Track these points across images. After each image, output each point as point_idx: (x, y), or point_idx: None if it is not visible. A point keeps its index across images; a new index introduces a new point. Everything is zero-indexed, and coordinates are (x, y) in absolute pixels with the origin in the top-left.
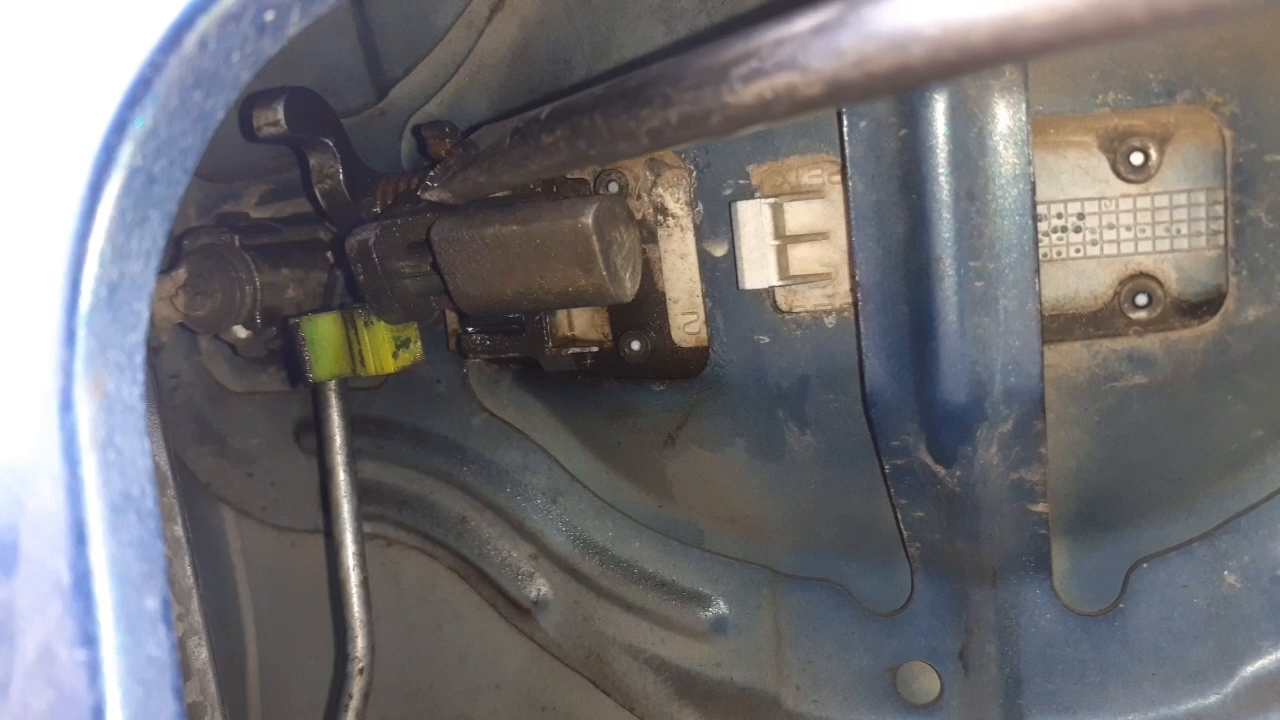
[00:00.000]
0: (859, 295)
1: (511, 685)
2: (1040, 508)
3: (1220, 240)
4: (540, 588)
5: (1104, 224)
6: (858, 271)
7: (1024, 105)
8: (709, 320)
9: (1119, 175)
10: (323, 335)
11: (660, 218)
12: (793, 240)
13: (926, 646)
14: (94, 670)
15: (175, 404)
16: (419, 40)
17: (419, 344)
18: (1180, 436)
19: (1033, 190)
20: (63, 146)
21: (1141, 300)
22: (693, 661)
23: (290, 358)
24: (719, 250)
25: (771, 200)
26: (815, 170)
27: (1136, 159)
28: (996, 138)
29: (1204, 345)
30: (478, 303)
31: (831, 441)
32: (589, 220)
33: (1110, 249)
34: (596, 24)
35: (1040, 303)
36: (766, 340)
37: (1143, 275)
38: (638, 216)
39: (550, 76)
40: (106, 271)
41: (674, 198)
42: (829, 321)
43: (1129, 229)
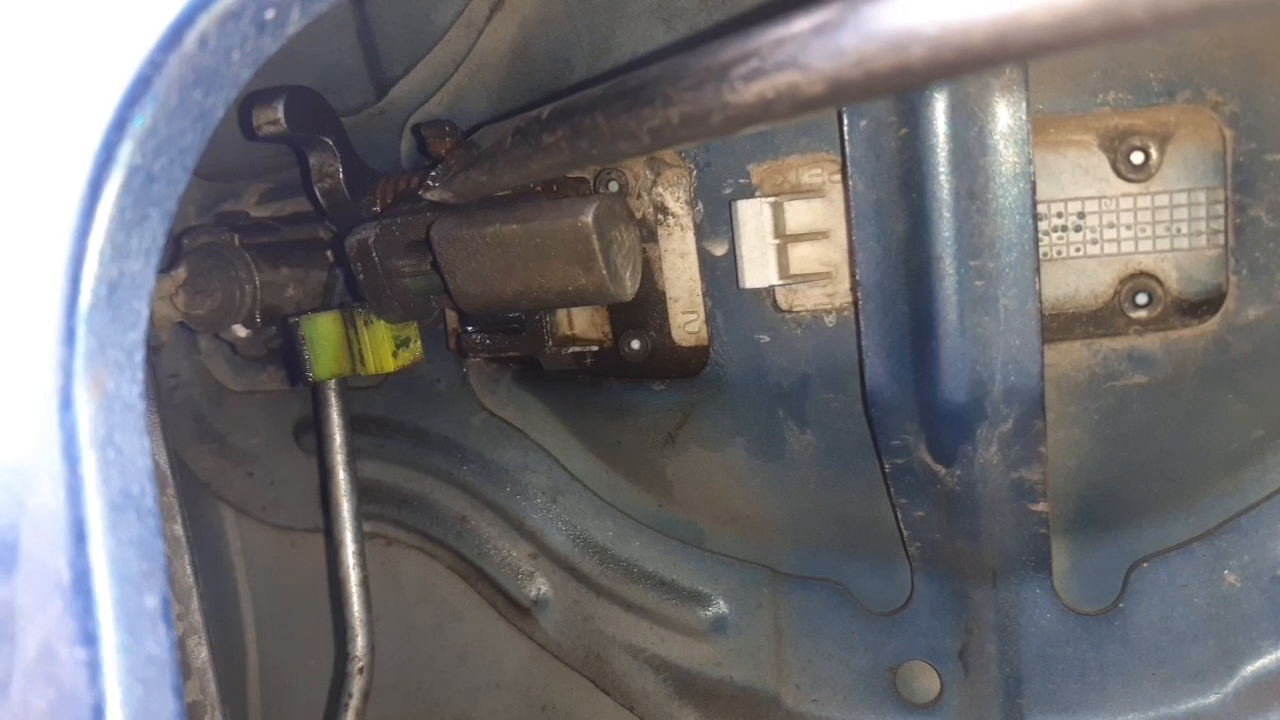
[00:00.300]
0: (859, 294)
1: (511, 684)
2: (1040, 507)
3: (1220, 239)
4: (540, 587)
5: (1104, 223)
6: (858, 270)
7: (1024, 104)
8: (709, 319)
9: (1119, 174)
10: (322, 334)
11: (660, 217)
12: (793, 239)
13: (926, 646)
14: (94, 669)
15: (175, 403)
16: (419, 39)
17: (419, 343)
18: (1180, 436)
19: (1033, 189)
20: (63, 145)
21: (1142, 299)
22: (693, 661)
23: (290, 357)
24: (719, 249)
25: (772, 199)
26: (815, 169)
27: (1137, 158)
28: (997, 136)
29: (1204, 344)
30: (478, 302)
31: (832, 441)
32: (589, 219)
33: (1110, 248)
34: (596, 23)
35: (1040, 302)
36: (767, 339)
37: (1143, 274)
38: (638, 215)
39: (550, 76)
40: (106, 270)
41: (674, 197)
42: (829, 320)
43: (1129, 228)
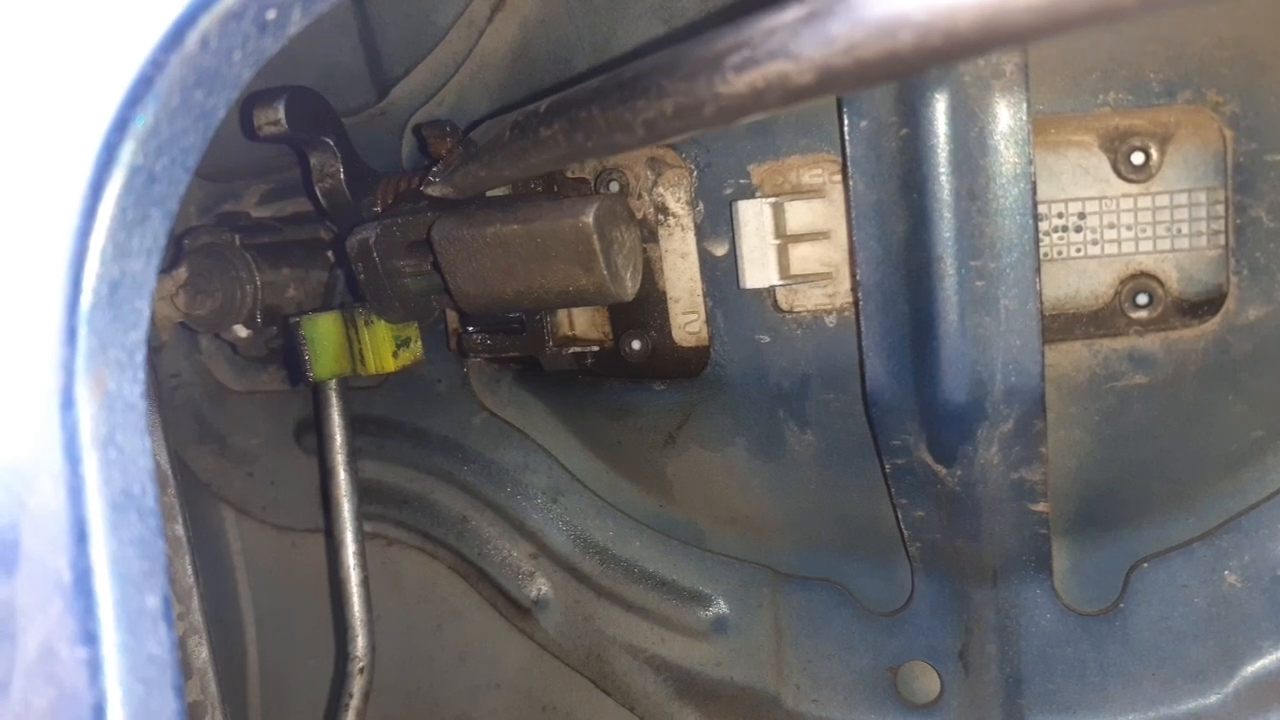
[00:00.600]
0: (860, 294)
1: (512, 685)
2: (1041, 507)
3: (1221, 240)
4: (540, 587)
5: (1105, 223)
6: (858, 271)
7: (1025, 105)
8: (710, 319)
9: (1120, 175)
10: (323, 334)
11: (661, 217)
12: (793, 240)
13: (927, 646)
14: (95, 668)
15: (176, 403)
16: (420, 40)
17: (419, 343)
18: (1181, 436)
19: (1033, 190)
20: (64, 144)
21: (1142, 300)
22: (693, 661)
23: (290, 357)
24: (720, 249)
25: (772, 200)
26: (816, 170)
27: (1137, 158)
28: (997, 137)
29: (1204, 345)
30: (478, 302)
31: (832, 441)
32: (590, 219)
33: (1111, 248)
34: (597, 24)
35: (1041, 302)
36: (767, 340)
37: (1143, 275)
38: (638, 216)
39: (551, 76)
40: (108, 269)
41: (675, 197)
42: (830, 321)
43: (1130, 228)
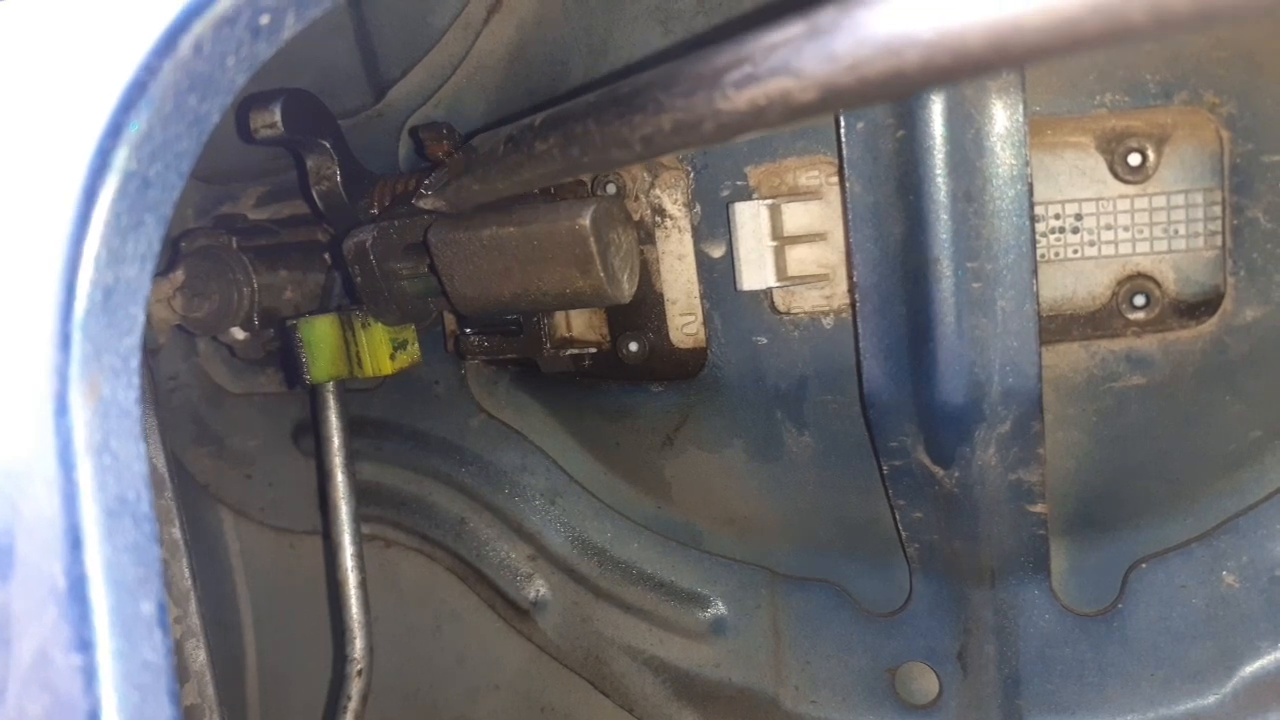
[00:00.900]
0: (857, 296)
1: (510, 686)
2: (1038, 508)
3: (1218, 241)
4: (539, 589)
5: (1102, 225)
6: (855, 272)
7: (1021, 106)
8: (707, 321)
9: (1116, 176)
10: (320, 337)
11: (658, 219)
12: (790, 241)
13: (925, 647)
14: (89, 675)
15: (173, 405)
16: (416, 42)
17: (416, 345)
18: (1178, 437)
19: (1030, 191)
20: (58, 151)
21: (1139, 301)
22: (691, 662)
23: (288, 359)
24: (717, 251)
25: (769, 201)
26: (813, 171)
27: (1134, 160)
28: (994, 139)
29: (1202, 346)
30: (475, 304)
31: (830, 442)
32: (586, 222)
33: (1108, 250)
34: (593, 25)
35: (1038, 303)
36: (764, 341)
37: (1141, 276)
38: (635, 218)
39: (547, 78)
40: (102, 276)
41: (672, 199)
42: (827, 322)
43: (1127, 230)
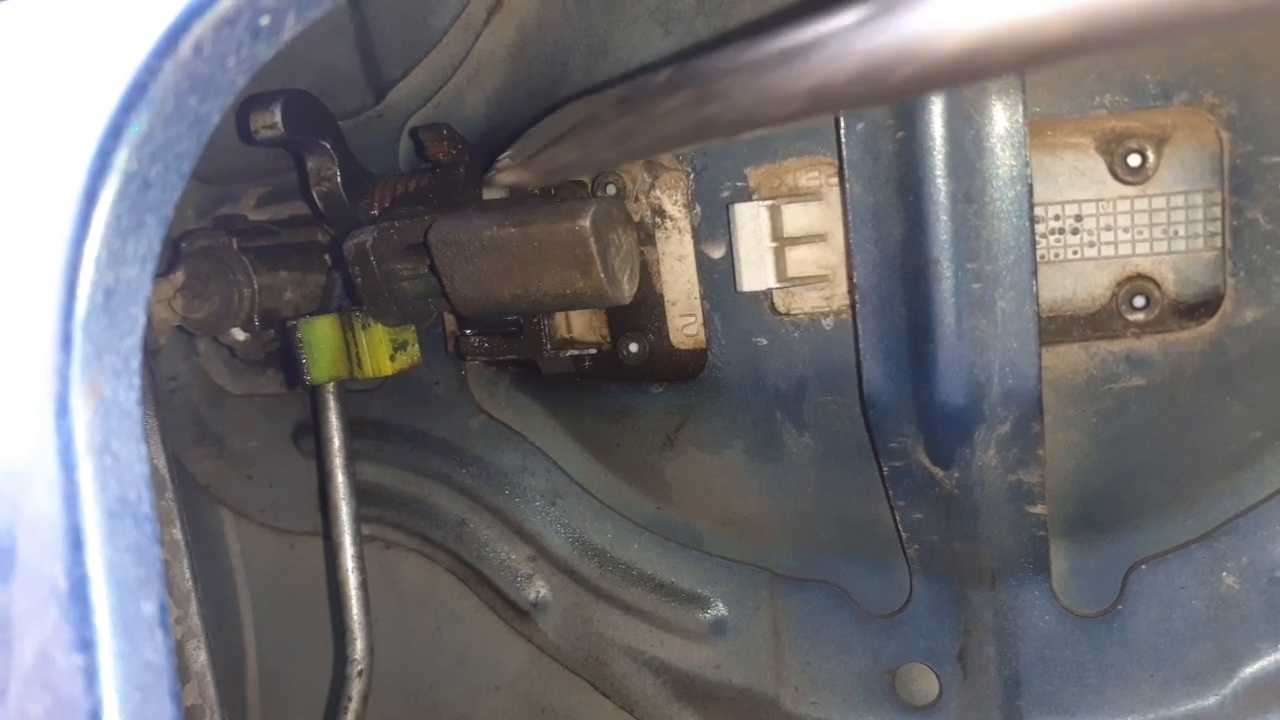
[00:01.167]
0: (857, 297)
1: (511, 687)
2: (1038, 509)
3: (1218, 242)
4: (539, 590)
5: (1101, 226)
6: (855, 273)
7: (1021, 107)
8: (707, 322)
9: (1116, 177)
10: (320, 338)
11: (658, 220)
12: (790, 242)
13: (925, 648)
14: (91, 676)
15: (174, 406)
16: (416, 43)
17: (416, 346)
18: (1178, 438)
19: (1030, 192)
20: (58, 152)
21: (1139, 302)
22: (691, 663)
23: (288, 360)
24: (717, 252)
25: (769, 202)
26: (813, 172)
27: (1134, 160)
28: (994, 139)
29: (1202, 347)
30: (476, 305)
31: (829, 443)
32: (587, 222)
33: (1108, 251)
34: (594, 26)
35: (1038, 304)
36: (764, 342)
37: (1140, 277)
38: (635, 219)
39: (548, 79)
40: (102, 276)
41: (672, 200)
42: (827, 323)
43: (1126, 231)
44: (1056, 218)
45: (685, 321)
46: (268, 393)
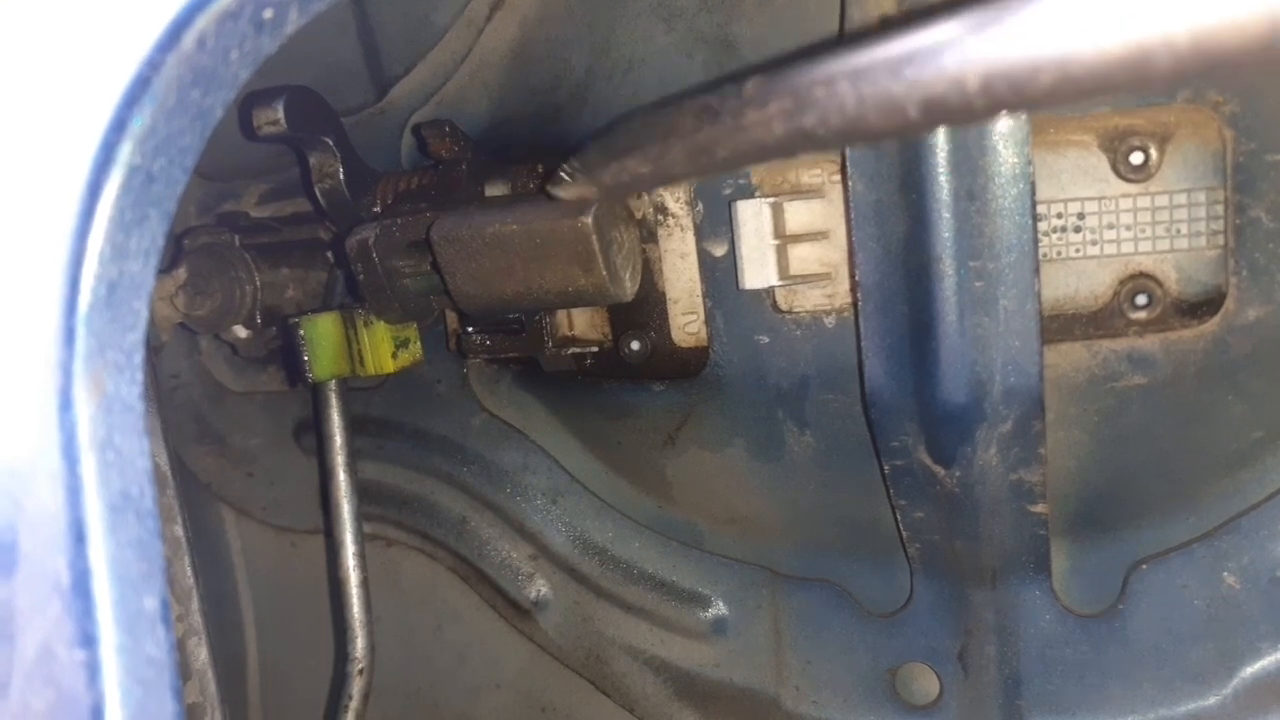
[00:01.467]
0: (859, 295)
1: (511, 686)
2: (1039, 508)
3: (1220, 240)
4: (540, 588)
5: (1104, 224)
6: (857, 271)
7: None
8: (709, 320)
9: (1119, 175)
10: (322, 335)
11: (660, 217)
12: (792, 240)
13: (926, 647)
14: (93, 670)
15: (175, 403)
16: (419, 39)
17: (418, 344)
18: (1180, 437)
19: (1032, 190)
20: (62, 145)
21: (1141, 300)
22: (692, 662)
23: (289, 357)
24: (719, 250)
25: (771, 200)
26: (815, 170)
27: (1136, 158)
28: (996, 137)
29: (1204, 345)
30: (477, 302)
31: (831, 442)
32: (589, 219)
33: (1110, 249)
34: (596, 22)
35: (1040, 303)
36: (766, 340)
37: (1143, 275)
38: (638, 216)
39: (550, 75)
40: (106, 270)
41: (674, 197)
42: (829, 321)
43: (1129, 229)
44: (1059, 215)
45: (687, 319)
46: (269, 390)
